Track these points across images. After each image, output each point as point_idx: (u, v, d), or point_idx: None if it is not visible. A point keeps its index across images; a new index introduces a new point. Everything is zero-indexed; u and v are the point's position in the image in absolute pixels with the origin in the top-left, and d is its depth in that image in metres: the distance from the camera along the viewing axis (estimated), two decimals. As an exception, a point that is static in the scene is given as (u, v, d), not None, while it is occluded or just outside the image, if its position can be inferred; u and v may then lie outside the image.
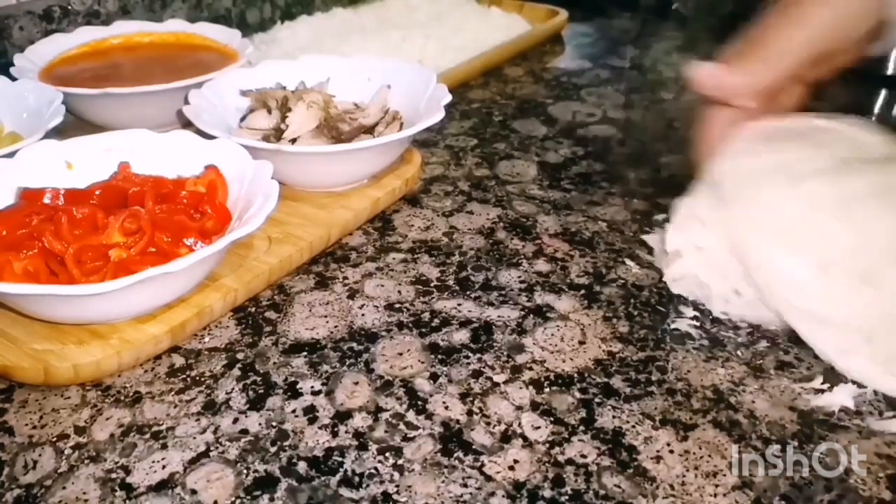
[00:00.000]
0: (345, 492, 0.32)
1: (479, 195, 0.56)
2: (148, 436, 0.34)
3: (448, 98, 0.53)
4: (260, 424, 0.35)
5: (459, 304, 0.44)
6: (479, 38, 0.84)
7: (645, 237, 0.50)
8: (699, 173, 0.44)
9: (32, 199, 0.43)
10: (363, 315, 0.43)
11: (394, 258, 0.48)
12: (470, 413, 0.36)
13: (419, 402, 0.36)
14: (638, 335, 0.41)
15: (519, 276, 0.46)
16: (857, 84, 0.69)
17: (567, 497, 0.32)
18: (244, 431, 0.35)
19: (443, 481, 0.32)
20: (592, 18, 1.01)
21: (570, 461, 0.33)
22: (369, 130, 0.54)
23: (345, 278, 0.46)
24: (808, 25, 0.40)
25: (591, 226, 0.52)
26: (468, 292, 0.45)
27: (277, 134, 0.52)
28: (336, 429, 0.35)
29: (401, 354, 0.40)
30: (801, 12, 0.40)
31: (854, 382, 0.38)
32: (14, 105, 0.54)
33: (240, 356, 0.39)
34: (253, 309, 0.43)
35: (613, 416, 0.36)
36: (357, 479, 0.32)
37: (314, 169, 0.50)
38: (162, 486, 0.32)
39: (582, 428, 0.35)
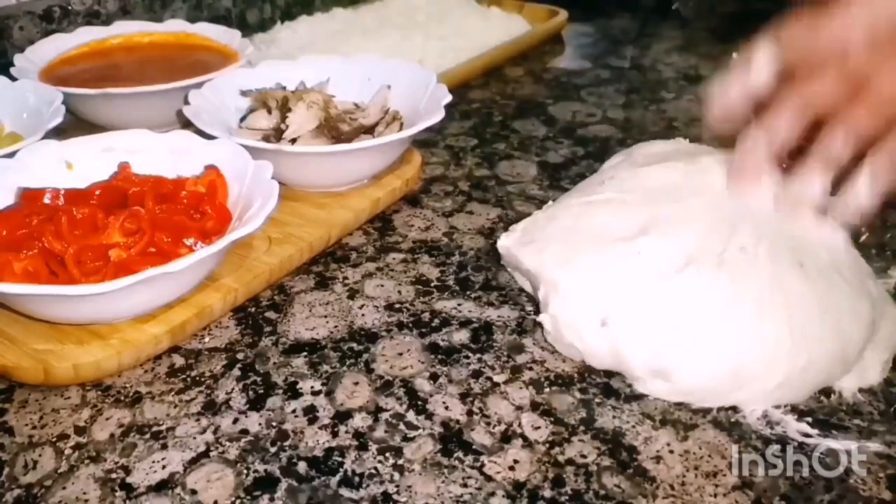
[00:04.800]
0: (345, 492, 0.32)
1: (479, 195, 0.56)
2: (148, 436, 0.34)
3: (448, 98, 0.53)
4: (260, 424, 0.35)
5: (459, 304, 0.44)
6: (479, 38, 0.84)
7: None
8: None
9: (32, 199, 0.43)
10: (363, 315, 0.43)
11: (394, 258, 0.48)
12: (470, 413, 0.36)
13: (419, 402, 0.36)
14: (638, 335, 0.41)
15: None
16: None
17: (567, 497, 0.32)
18: (244, 431, 0.35)
19: (443, 481, 0.32)
20: (592, 18, 1.01)
21: (570, 461, 0.33)
22: (369, 130, 0.54)
23: (345, 278, 0.46)
24: None
25: (591, 226, 0.52)
26: (468, 292, 0.45)
27: (277, 134, 0.52)
28: (336, 429, 0.35)
29: (401, 354, 0.40)
30: None
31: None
32: (14, 105, 0.54)
33: (240, 356, 0.39)
34: (253, 309, 0.43)
35: (613, 416, 0.36)
36: (357, 479, 0.32)
37: (314, 169, 0.50)
38: (162, 486, 0.32)
39: (582, 428, 0.35)
